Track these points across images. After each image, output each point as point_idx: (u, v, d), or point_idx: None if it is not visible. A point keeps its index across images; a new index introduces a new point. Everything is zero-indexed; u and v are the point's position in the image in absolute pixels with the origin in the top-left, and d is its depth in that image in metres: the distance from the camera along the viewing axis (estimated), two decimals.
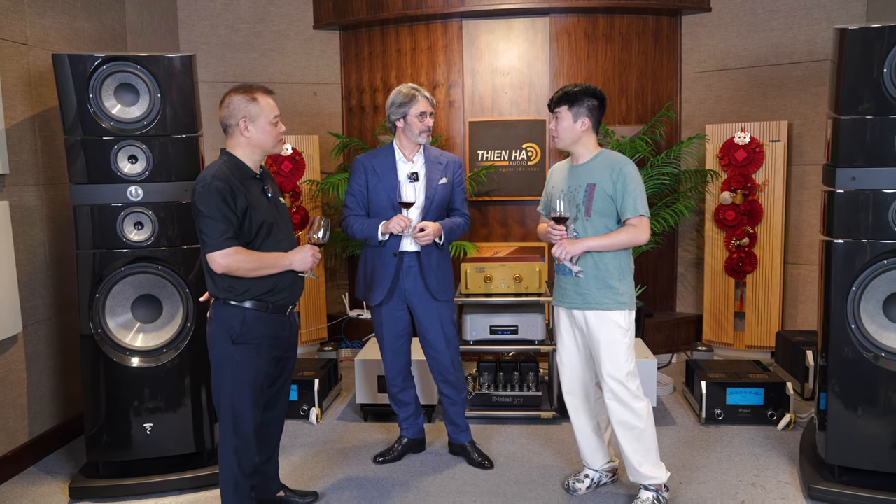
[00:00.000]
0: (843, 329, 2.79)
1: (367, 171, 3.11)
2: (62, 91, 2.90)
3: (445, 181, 3.12)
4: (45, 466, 3.30)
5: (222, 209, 2.30)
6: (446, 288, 3.16)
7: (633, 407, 2.69)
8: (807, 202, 4.64)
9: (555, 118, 2.75)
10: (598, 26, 4.84)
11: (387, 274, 3.09)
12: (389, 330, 3.17)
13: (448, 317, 3.18)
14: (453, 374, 3.21)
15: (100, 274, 2.96)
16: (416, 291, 3.12)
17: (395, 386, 3.25)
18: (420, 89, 3.06)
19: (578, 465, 3.12)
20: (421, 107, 3.03)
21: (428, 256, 3.09)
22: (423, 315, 3.15)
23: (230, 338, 2.41)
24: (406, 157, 3.12)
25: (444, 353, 3.18)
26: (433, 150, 3.19)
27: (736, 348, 4.77)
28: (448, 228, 3.08)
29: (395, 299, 3.13)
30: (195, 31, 4.95)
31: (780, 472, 3.10)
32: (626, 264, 2.76)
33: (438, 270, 3.12)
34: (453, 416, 3.28)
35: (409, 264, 3.10)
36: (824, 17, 4.47)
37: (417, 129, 3.05)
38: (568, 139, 2.74)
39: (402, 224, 2.95)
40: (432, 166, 3.12)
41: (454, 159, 3.19)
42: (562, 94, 2.72)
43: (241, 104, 2.41)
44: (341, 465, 3.28)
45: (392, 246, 3.08)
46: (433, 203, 3.09)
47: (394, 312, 3.15)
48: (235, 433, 2.45)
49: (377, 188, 3.08)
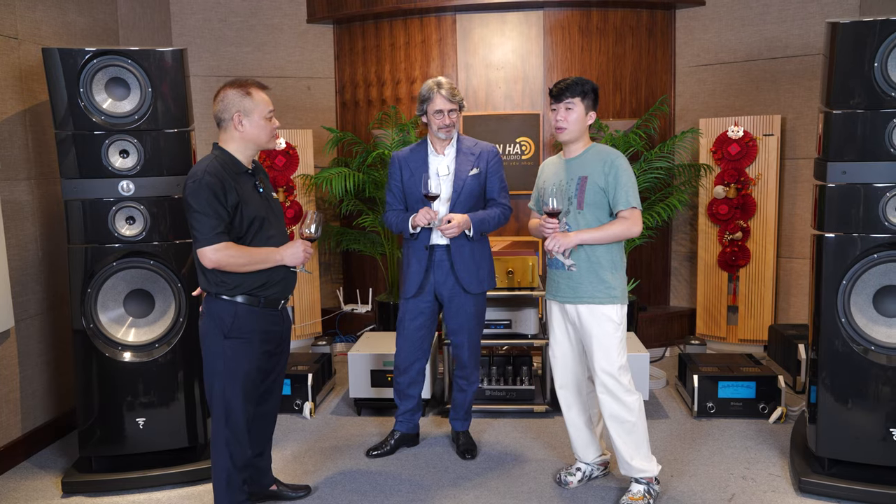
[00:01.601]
0: (833, 322, 2.80)
1: (402, 167, 3.14)
2: (53, 86, 2.89)
3: (476, 172, 3.09)
4: (37, 461, 3.31)
5: (213, 204, 2.30)
6: (480, 281, 3.14)
7: (625, 401, 2.70)
8: (800, 196, 4.65)
9: (562, 108, 2.69)
10: (592, 20, 4.84)
11: (419, 267, 3.12)
12: (412, 320, 3.18)
13: (476, 310, 3.18)
14: (469, 367, 3.24)
15: (92, 269, 2.95)
16: (446, 284, 3.12)
17: (406, 377, 3.25)
18: (442, 85, 3.02)
19: (570, 458, 3.13)
20: (437, 104, 3.02)
21: (459, 249, 3.08)
22: (451, 306, 3.16)
23: (222, 332, 2.41)
24: (437, 150, 3.13)
25: (464, 344, 3.20)
26: (467, 141, 3.16)
27: (729, 342, 4.79)
28: (478, 220, 3.05)
29: (426, 293, 3.14)
30: (188, 24, 4.93)
31: (771, 464, 3.12)
32: (619, 258, 2.76)
33: (471, 263, 3.11)
34: (458, 403, 3.31)
35: (440, 257, 3.11)
36: (818, 10, 4.48)
37: (435, 125, 3.06)
38: (577, 131, 2.72)
39: (427, 217, 2.96)
40: (464, 157, 3.10)
41: (489, 148, 3.15)
42: (572, 83, 2.67)
43: (236, 98, 2.40)
44: (334, 459, 3.28)
45: (423, 239, 3.10)
46: (461, 195, 3.07)
47: (420, 304, 3.16)
48: (228, 426, 2.46)
49: (410, 183, 3.11)
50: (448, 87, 3.03)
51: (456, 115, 3.06)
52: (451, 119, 3.05)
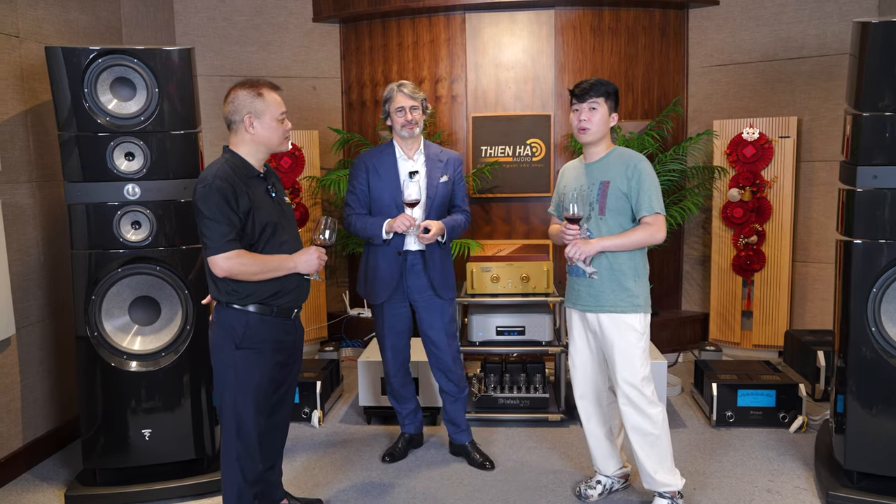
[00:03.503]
0: (862, 331, 2.72)
1: (369, 170, 3.08)
2: (56, 85, 2.79)
3: (446, 179, 3.10)
4: (39, 472, 3.21)
5: (224, 210, 2.20)
6: (449, 286, 3.15)
7: (649, 413, 2.61)
8: (815, 199, 4.56)
9: (586, 108, 2.61)
10: (603, 20, 4.75)
11: (391, 273, 3.07)
12: (391, 328, 3.15)
13: (450, 314, 3.18)
14: (454, 372, 3.19)
15: (96, 275, 2.86)
16: (419, 289, 3.10)
17: (397, 380, 3.24)
18: (404, 84, 3.01)
19: (589, 469, 3.04)
20: (398, 102, 2.99)
21: (431, 255, 3.08)
22: (426, 313, 3.13)
23: (233, 342, 2.32)
24: (406, 154, 3.09)
25: (445, 350, 3.16)
26: (433, 148, 3.15)
27: (743, 347, 4.70)
28: (450, 227, 3.06)
29: (398, 297, 3.11)
30: (191, 23, 4.84)
31: (796, 477, 3.03)
32: (642, 265, 2.68)
33: (441, 268, 3.11)
34: (453, 415, 3.25)
35: (412, 262, 3.08)
36: (836, 10, 4.39)
37: (398, 124, 3.02)
38: (600, 132, 2.64)
39: (406, 223, 2.92)
40: (433, 164, 3.09)
41: (454, 156, 3.16)
42: (596, 83, 2.60)
43: (247, 100, 2.31)
44: (345, 471, 3.19)
45: (396, 245, 3.05)
46: (434, 201, 3.06)
47: (396, 310, 3.13)
48: (239, 440, 2.37)
49: (378, 186, 3.06)
50: (409, 86, 3.03)
51: (418, 113, 3.02)
52: (413, 116, 3.01)
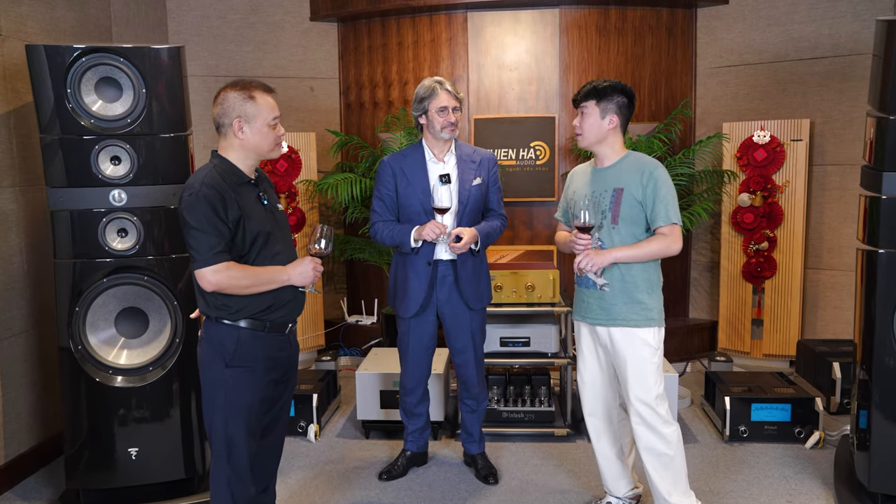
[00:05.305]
0: (887, 343, 2.58)
1: (396, 175, 2.91)
2: (37, 85, 2.65)
3: (480, 181, 2.92)
4: (22, 492, 3.06)
5: (212, 220, 2.05)
6: (481, 296, 2.99)
7: (663, 432, 2.47)
8: (828, 204, 4.43)
9: (580, 114, 2.52)
10: (609, 19, 4.61)
11: (420, 284, 2.90)
12: (416, 341, 2.99)
13: (479, 325, 3.03)
14: (477, 386, 3.07)
15: (80, 285, 2.72)
16: (449, 301, 2.94)
17: (414, 397, 3.08)
18: (443, 82, 2.86)
19: (598, 489, 2.91)
20: (441, 101, 2.83)
21: (463, 265, 2.91)
22: (454, 324, 2.98)
23: (223, 360, 2.17)
24: (436, 156, 2.92)
25: (471, 363, 3.03)
26: (465, 148, 2.98)
27: (753, 356, 4.56)
28: (485, 234, 2.89)
29: (427, 310, 2.95)
30: (185, 21, 4.69)
31: (815, 497, 2.89)
32: (655, 277, 2.54)
33: (474, 278, 2.95)
34: (469, 426, 3.13)
35: (444, 273, 2.92)
36: (849, 9, 4.25)
37: (438, 124, 2.85)
38: (593, 137, 2.51)
39: (436, 231, 2.76)
40: (465, 166, 2.91)
41: (488, 156, 2.99)
42: (589, 88, 2.50)
43: (237, 102, 2.16)
44: (343, 490, 3.05)
45: (426, 254, 2.88)
46: (467, 207, 2.89)
47: (423, 323, 2.98)
48: (229, 464, 2.22)
49: (407, 192, 2.89)
50: (451, 84, 2.88)
51: (459, 113, 2.89)
52: (456, 117, 2.86)
